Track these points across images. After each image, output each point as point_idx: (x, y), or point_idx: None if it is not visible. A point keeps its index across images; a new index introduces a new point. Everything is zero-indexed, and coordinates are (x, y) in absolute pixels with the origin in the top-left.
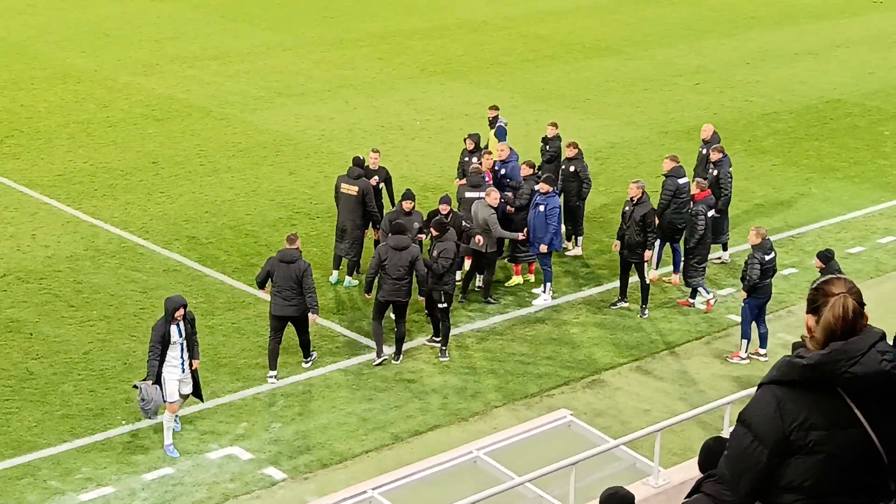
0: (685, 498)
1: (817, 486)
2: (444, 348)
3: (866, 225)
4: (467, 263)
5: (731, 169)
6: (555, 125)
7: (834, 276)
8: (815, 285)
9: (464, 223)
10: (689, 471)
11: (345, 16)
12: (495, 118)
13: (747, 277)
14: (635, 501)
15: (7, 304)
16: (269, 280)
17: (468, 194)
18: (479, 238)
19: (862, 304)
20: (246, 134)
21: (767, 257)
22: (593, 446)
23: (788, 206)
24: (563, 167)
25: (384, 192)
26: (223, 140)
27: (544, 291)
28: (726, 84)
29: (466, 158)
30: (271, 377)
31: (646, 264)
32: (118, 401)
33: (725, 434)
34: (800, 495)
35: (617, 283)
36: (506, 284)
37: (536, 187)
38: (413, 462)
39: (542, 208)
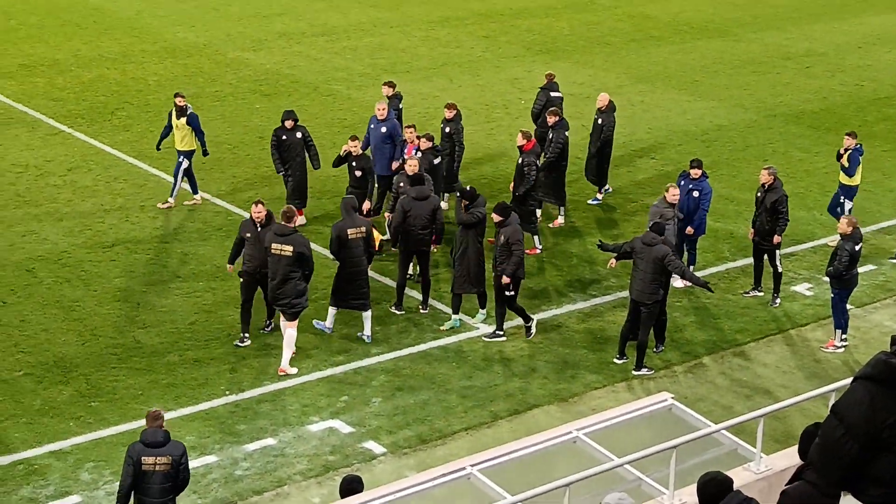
0: (786, 484)
1: None
2: (527, 326)
3: None
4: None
5: (567, 133)
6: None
7: None
8: None
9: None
10: (792, 458)
11: None
12: (184, 107)
13: (834, 267)
14: (735, 486)
15: (115, 273)
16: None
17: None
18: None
19: None
20: (351, 111)
21: (857, 247)
22: (694, 430)
23: None
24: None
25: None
26: (329, 116)
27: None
28: (837, 68)
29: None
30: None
31: (777, 252)
32: (222, 371)
33: None
34: (888, 489)
35: (722, 267)
36: None
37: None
38: (512, 441)
39: (695, 193)
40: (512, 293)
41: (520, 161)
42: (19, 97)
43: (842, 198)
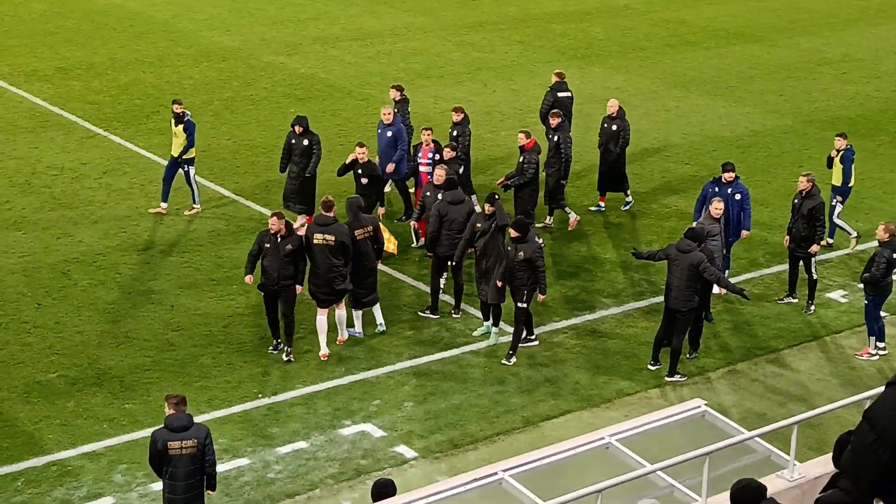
0: (820, 492)
1: None
2: (510, 353)
3: None
4: None
5: (570, 134)
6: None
7: None
8: None
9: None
10: (826, 465)
11: None
12: (182, 114)
13: (870, 273)
14: (768, 494)
15: (150, 276)
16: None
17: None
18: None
19: None
20: None
21: (895, 254)
22: (727, 437)
23: None
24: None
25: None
26: (363, 120)
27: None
28: (873, 74)
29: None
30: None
31: (813, 259)
32: (255, 374)
33: None
34: None
35: (756, 274)
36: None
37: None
38: (544, 446)
39: (737, 196)
40: (525, 305)
41: (521, 159)
42: (55, 100)
43: (834, 200)
